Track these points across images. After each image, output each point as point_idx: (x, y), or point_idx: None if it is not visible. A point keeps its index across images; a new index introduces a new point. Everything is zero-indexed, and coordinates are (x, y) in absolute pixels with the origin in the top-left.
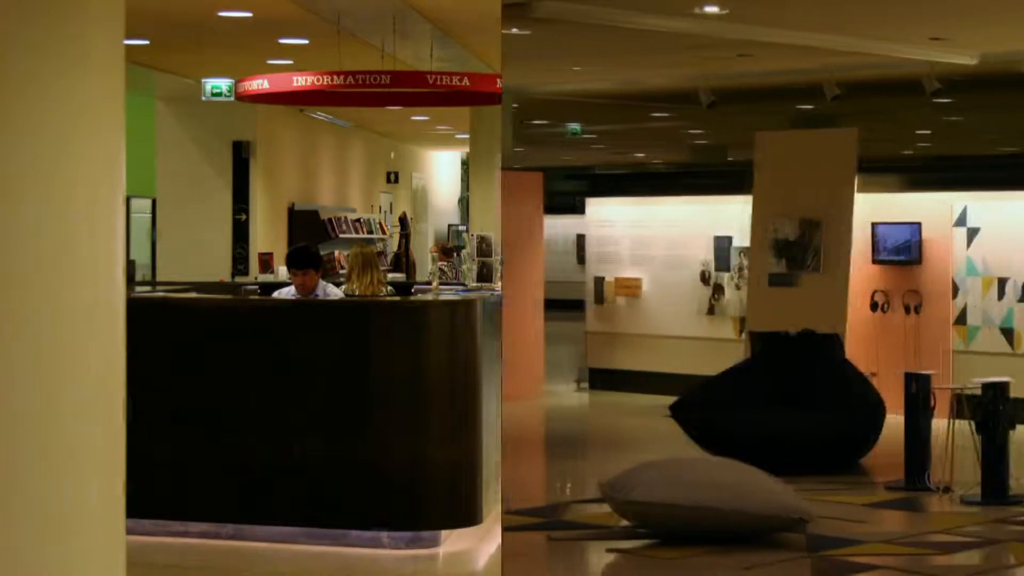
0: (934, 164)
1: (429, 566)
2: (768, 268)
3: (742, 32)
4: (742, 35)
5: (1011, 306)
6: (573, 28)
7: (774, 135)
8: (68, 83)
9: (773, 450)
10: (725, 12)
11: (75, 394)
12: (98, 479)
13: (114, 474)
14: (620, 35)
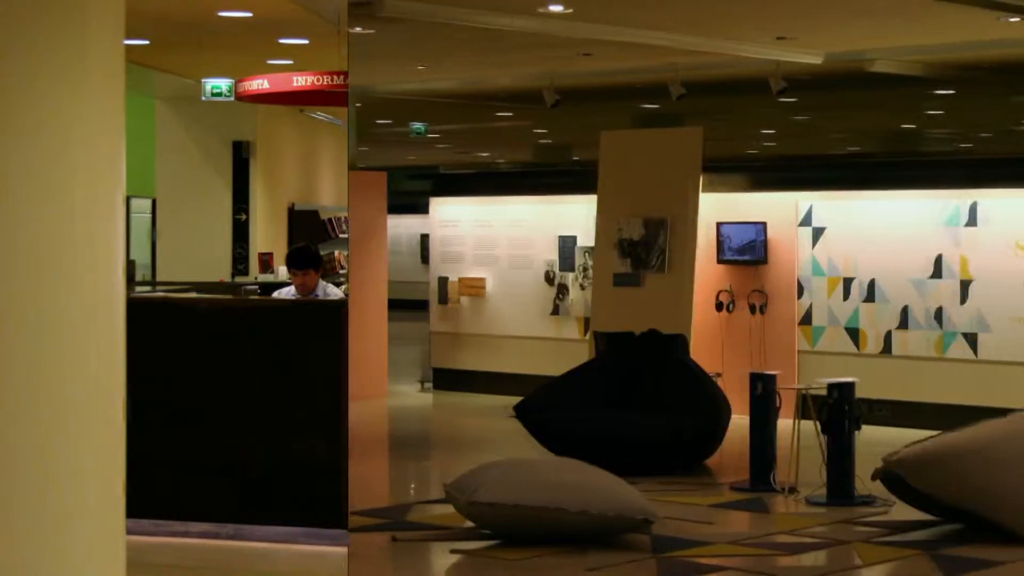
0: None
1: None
2: (613, 268)
3: (587, 31)
4: (587, 34)
5: (857, 306)
6: (418, 27)
7: (619, 134)
8: (68, 83)
9: (618, 451)
10: (570, 11)
11: (75, 394)
12: (98, 479)
13: (114, 474)
14: (465, 34)
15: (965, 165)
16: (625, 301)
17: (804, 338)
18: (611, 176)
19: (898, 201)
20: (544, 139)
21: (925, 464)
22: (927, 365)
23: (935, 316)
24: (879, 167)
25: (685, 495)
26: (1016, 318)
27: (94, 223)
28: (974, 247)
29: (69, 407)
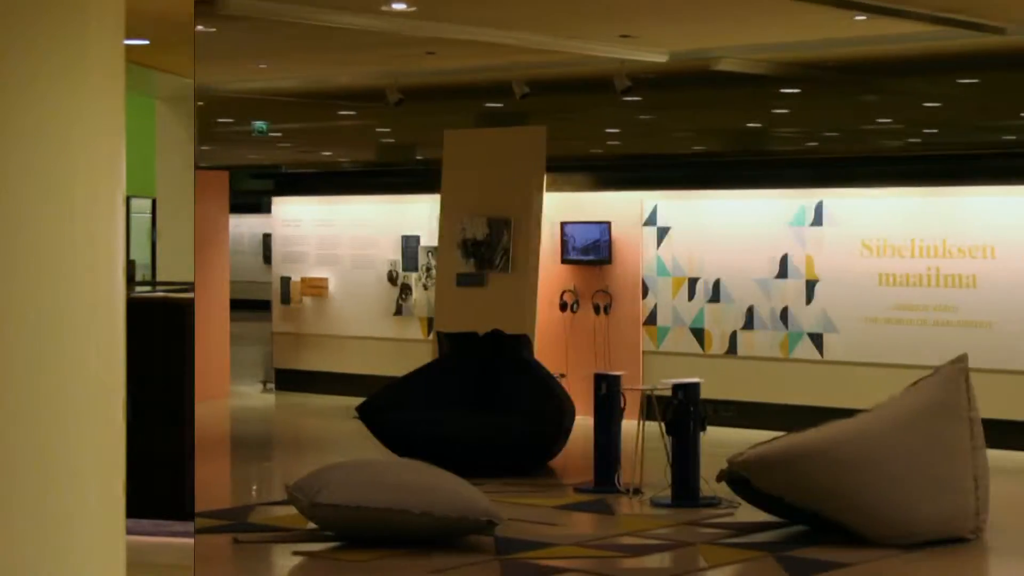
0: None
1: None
2: (456, 268)
3: (430, 29)
4: (430, 32)
5: (702, 306)
6: (260, 25)
7: (463, 133)
8: (68, 83)
9: (461, 452)
10: (413, 9)
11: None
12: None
13: (114, 474)
14: (307, 32)
15: (811, 165)
16: (468, 301)
17: (649, 338)
18: (454, 175)
19: (744, 201)
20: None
21: (770, 465)
22: (772, 366)
23: (780, 316)
24: (724, 166)
25: (529, 496)
26: (864, 318)
27: (94, 223)
28: (820, 247)
29: (69, 407)
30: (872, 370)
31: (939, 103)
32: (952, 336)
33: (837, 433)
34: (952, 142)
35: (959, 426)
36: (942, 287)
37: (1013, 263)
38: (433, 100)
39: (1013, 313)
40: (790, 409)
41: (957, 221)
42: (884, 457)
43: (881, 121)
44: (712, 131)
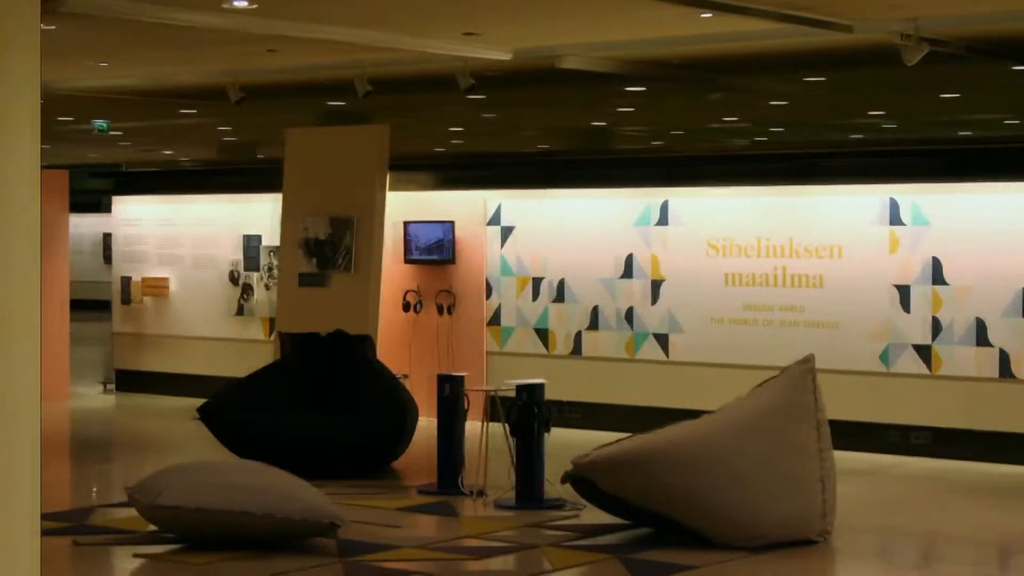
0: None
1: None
2: (298, 268)
3: (271, 27)
4: (271, 30)
5: (546, 306)
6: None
7: (305, 132)
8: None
9: (303, 453)
10: (254, 7)
11: None
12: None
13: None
14: (148, 30)
15: (657, 164)
16: (311, 301)
17: (493, 339)
18: (296, 174)
19: (588, 200)
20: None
21: (615, 467)
22: (617, 366)
23: (626, 317)
24: (569, 165)
25: (372, 498)
26: (710, 318)
27: None
28: (665, 247)
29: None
30: (718, 371)
31: (786, 101)
32: (799, 336)
33: (683, 435)
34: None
35: (806, 427)
36: (789, 287)
37: (860, 263)
38: (275, 98)
39: (860, 313)
40: (635, 410)
41: (804, 220)
42: (730, 459)
43: (727, 120)
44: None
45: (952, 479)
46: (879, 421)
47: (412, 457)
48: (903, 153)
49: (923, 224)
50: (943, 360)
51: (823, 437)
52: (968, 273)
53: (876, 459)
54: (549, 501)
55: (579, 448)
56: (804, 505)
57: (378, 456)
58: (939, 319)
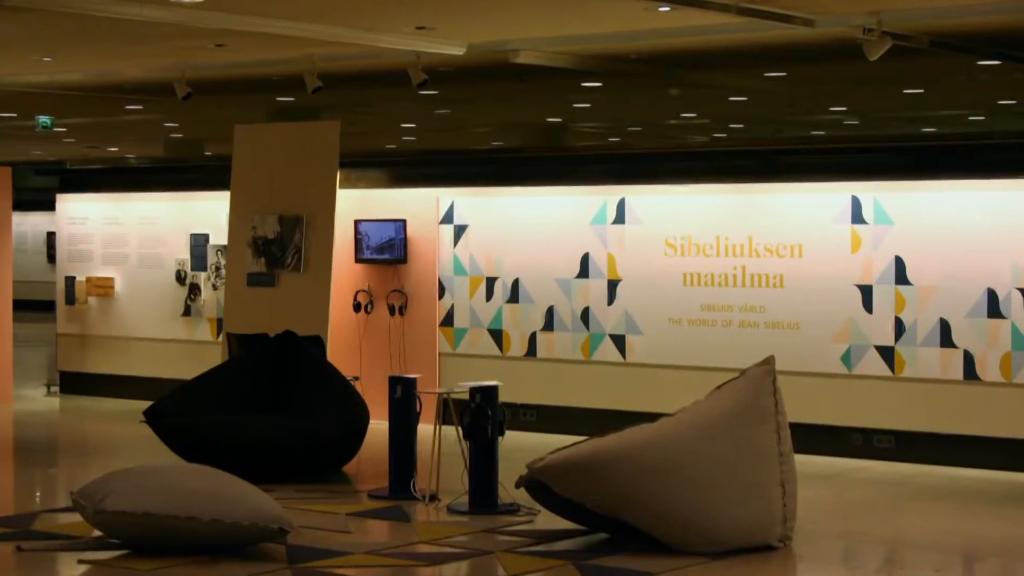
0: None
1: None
2: (247, 267)
3: (219, 21)
4: (219, 24)
5: (500, 307)
6: (44, 17)
7: (253, 128)
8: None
9: (252, 457)
10: (202, 0)
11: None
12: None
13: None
14: (93, 24)
15: (614, 161)
16: (259, 302)
17: (445, 340)
18: (245, 172)
19: (544, 198)
20: (176, 133)
21: (571, 471)
22: (573, 368)
23: (582, 317)
24: (524, 162)
25: (322, 503)
26: (668, 319)
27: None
28: (622, 246)
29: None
30: (676, 373)
31: (745, 97)
32: (759, 337)
33: (640, 438)
34: (759, 137)
35: (766, 430)
36: (748, 287)
37: (821, 262)
38: (223, 94)
39: (821, 314)
40: (592, 413)
41: (764, 219)
42: (688, 462)
43: (686, 116)
44: (511, 126)
45: (916, 483)
46: (841, 424)
47: (363, 461)
48: (865, 150)
49: (886, 223)
50: (906, 362)
51: (784, 440)
52: (932, 273)
53: (838, 463)
54: (503, 506)
55: (534, 452)
56: (764, 510)
57: (328, 460)
58: (902, 320)
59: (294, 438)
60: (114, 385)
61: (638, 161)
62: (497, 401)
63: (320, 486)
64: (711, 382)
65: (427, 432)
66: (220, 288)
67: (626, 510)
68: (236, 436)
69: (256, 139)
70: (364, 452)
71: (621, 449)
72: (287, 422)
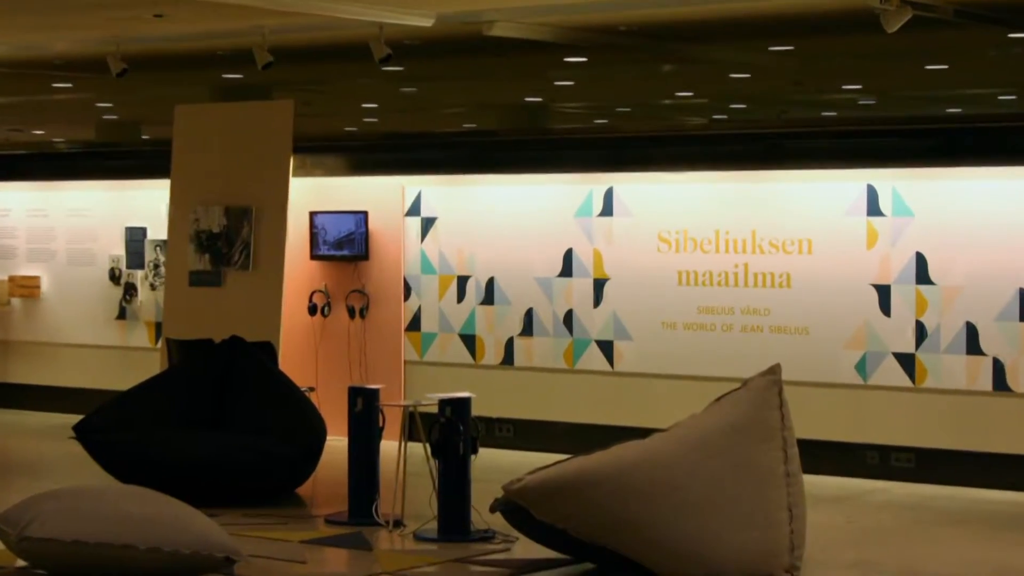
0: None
1: None
2: (189, 265)
3: None
4: None
5: (473, 309)
6: None
7: (196, 108)
8: None
9: (194, 478)
10: None
11: None
12: None
13: None
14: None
15: (600, 145)
16: (203, 303)
17: (412, 346)
18: (187, 158)
19: (522, 187)
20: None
21: (552, 493)
22: (555, 378)
23: (564, 321)
24: (500, 147)
25: (273, 529)
26: (661, 323)
27: None
28: (610, 240)
29: None
30: (671, 383)
31: (748, 74)
32: (763, 344)
33: (630, 456)
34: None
35: (771, 448)
36: (751, 287)
37: (833, 259)
38: (162, 70)
39: (833, 317)
40: (576, 428)
41: (769, 211)
42: (684, 484)
43: (681, 95)
44: (485, 106)
45: (938, 507)
46: (855, 441)
47: (319, 482)
48: (883, 133)
49: (906, 215)
50: (928, 371)
51: (791, 459)
52: (957, 271)
53: (852, 484)
54: (476, 533)
55: (511, 472)
56: (769, 537)
57: (280, 481)
58: (924, 324)
59: (242, 456)
60: (40, 397)
61: (628, 146)
62: (470, 415)
63: (271, 510)
64: (709, 394)
65: (391, 450)
66: (159, 288)
67: (614, 537)
68: (177, 454)
69: (199, 121)
70: (320, 472)
71: (608, 469)
72: (234, 439)
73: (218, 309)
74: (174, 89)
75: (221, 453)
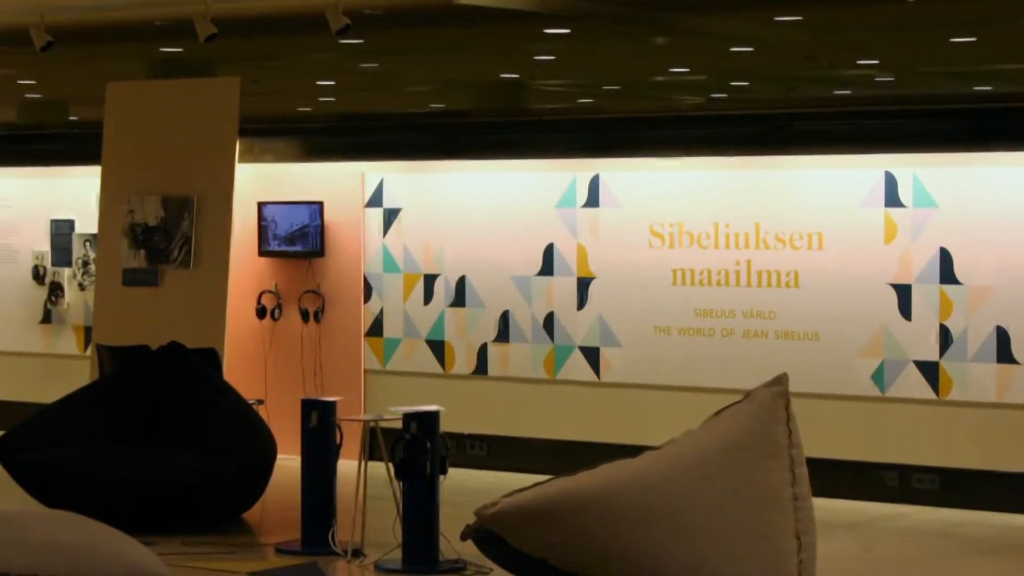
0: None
1: None
2: (122, 262)
3: None
4: None
5: (442, 311)
6: None
7: (131, 86)
8: None
9: (129, 501)
10: None
11: None
12: None
13: None
14: None
15: (585, 128)
16: (138, 305)
17: (373, 354)
18: (120, 142)
19: (497, 174)
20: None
21: (531, 519)
22: (534, 389)
23: (545, 325)
24: (472, 130)
25: (217, 559)
26: (653, 327)
27: None
28: (596, 235)
29: None
30: (664, 395)
31: (751, 47)
32: (768, 351)
33: (618, 478)
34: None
35: (777, 468)
36: (755, 287)
37: (846, 256)
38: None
39: (846, 321)
40: (557, 446)
41: (775, 201)
42: (678, 509)
43: (676, 71)
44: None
45: (965, 534)
46: (872, 460)
47: (269, 506)
48: (903, 114)
49: (928, 205)
50: (954, 381)
51: (799, 480)
52: (986, 269)
53: (868, 508)
54: (446, 563)
55: (485, 495)
56: (774, 567)
57: (225, 505)
58: (949, 328)
59: (182, 478)
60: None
61: (616, 128)
62: (438, 431)
63: (215, 538)
64: (707, 407)
65: (350, 470)
66: (89, 288)
67: (600, 568)
68: (109, 475)
69: (134, 100)
70: (270, 495)
71: (594, 492)
72: (173, 458)
73: (155, 312)
74: (106, 64)
75: (159, 474)
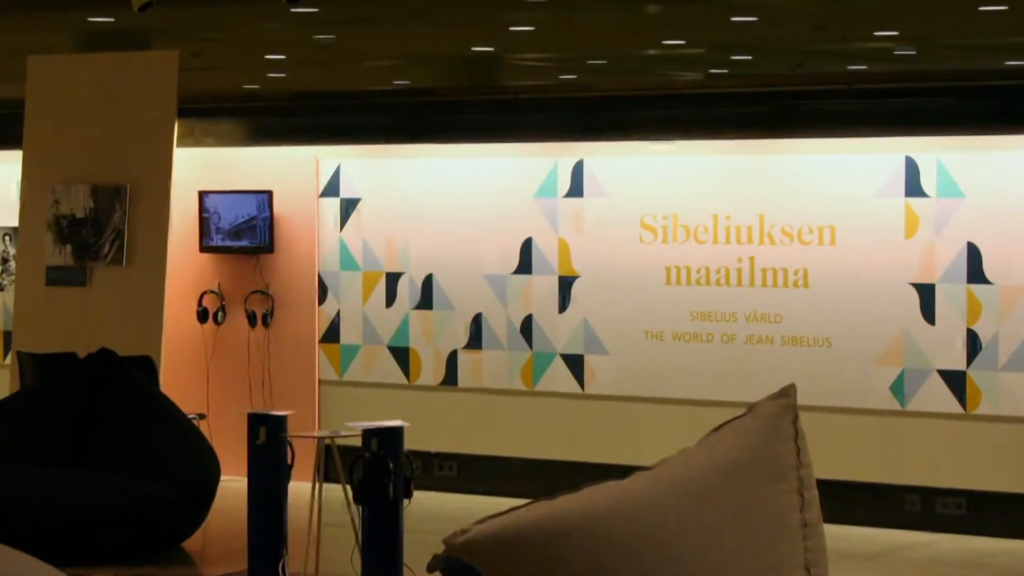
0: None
1: None
2: (45, 259)
3: None
4: None
5: (407, 314)
6: None
7: (56, 61)
8: None
9: (55, 528)
10: None
11: None
12: None
13: None
14: None
15: (567, 107)
16: (64, 307)
17: (329, 362)
18: (43, 123)
19: (468, 160)
20: None
21: (507, 549)
22: (510, 402)
23: (522, 330)
24: (440, 110)
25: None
26: (644, 332)
27: None
28: (580, 228)
29: None
30: (656, 408)
31: (755, 17)
32: (774, 359)
33: (605, 502)
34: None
35: (784, 490)
36: (759, 286)
37: (862, 252)
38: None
39: (862, 326)
40: (536, 465)
41: (781, 190)
42: (673, 535)
43: (669, 43)
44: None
45: (996, 565)
46: (891, 482)
47: (211, 533)
48: (925, 92)
49: (955, 195)
50: (983, 393)
51: (808, 505)
52: (1019, 267)
53: (887, 536)
54: None
55: (454, 521)
56: None
57: (162, 532)
58: (977, 334)
59: (113, 502)
60: None
61: (602, 108)
62: (402, 449)
63: (151, 569)
64: (705, 422)
65: (302, 493)
66: (8, 289)
67: None
68: (32, 499)
69: (59, 77)
70: (212, 521)
71: (577, 517)
72: (104, 479)
73: (83, 315)
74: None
75: (87, 497)
